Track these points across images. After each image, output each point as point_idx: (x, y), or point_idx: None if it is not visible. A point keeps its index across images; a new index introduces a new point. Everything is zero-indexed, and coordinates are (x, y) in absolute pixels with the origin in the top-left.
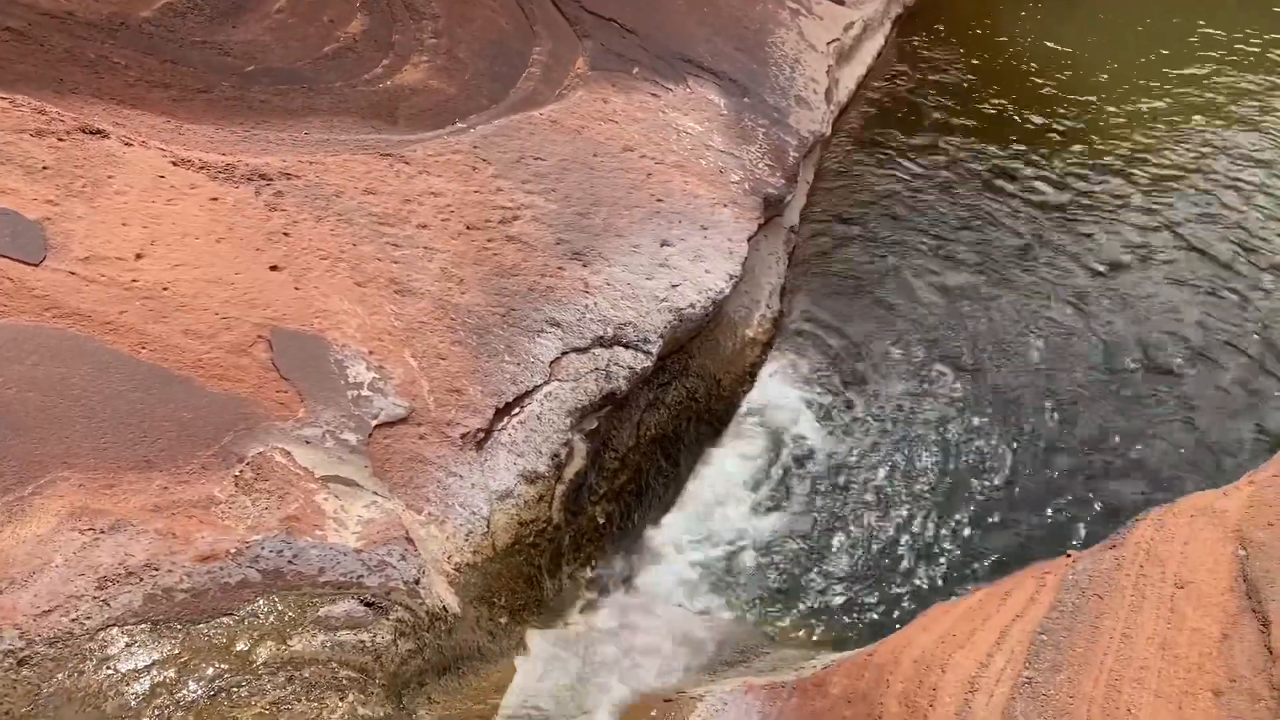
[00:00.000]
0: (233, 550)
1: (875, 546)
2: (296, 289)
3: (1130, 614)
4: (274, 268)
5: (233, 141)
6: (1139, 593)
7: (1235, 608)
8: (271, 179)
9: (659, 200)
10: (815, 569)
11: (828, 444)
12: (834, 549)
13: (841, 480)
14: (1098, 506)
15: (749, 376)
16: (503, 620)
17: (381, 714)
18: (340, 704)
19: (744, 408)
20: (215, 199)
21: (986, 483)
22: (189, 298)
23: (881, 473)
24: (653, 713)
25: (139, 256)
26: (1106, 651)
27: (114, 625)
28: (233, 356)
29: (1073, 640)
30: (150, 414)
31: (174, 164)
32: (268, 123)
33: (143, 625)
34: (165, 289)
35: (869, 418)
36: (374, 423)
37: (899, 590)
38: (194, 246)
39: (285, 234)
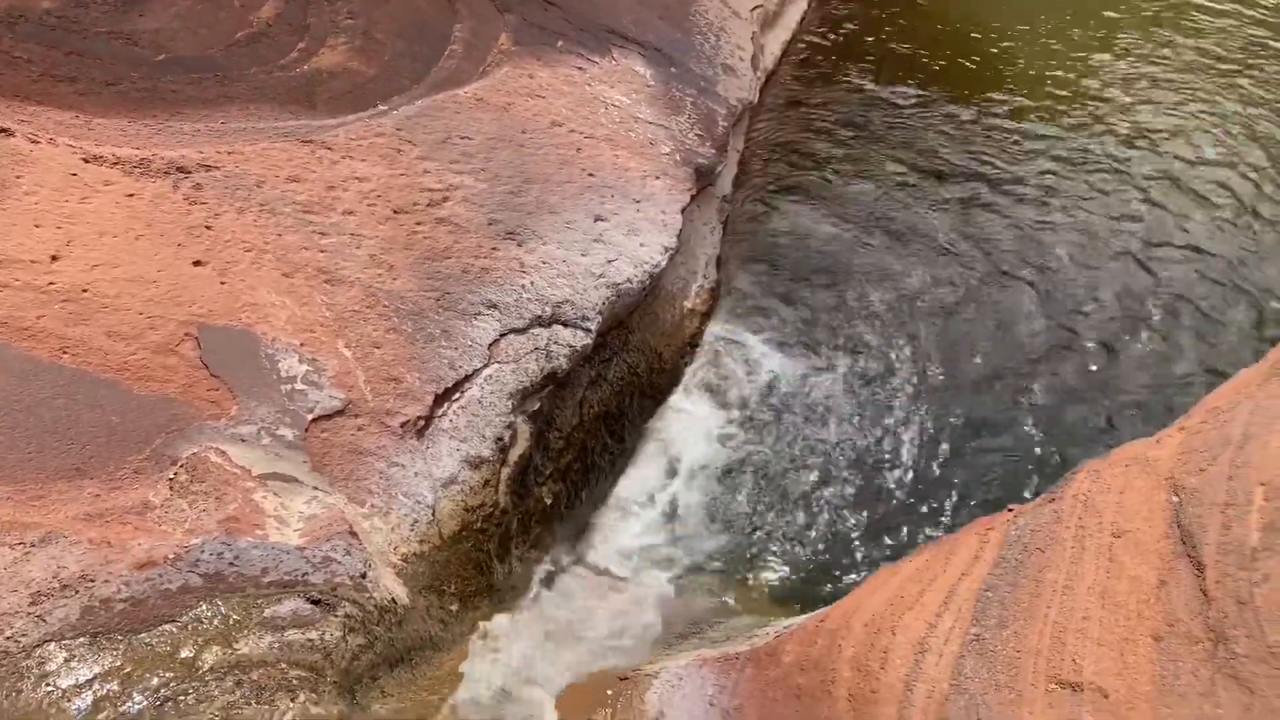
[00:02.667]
0: (171, 556)
1: (818, 510)
2: (222, 283)
3: (1071, 566)
4: (197, 263)
5: (146, 135)
6: (1079, 544)
7: (1171, 553)
8: (189, 171)
9: (590, 175)
10: (763, 533)
11: (771, 408)
12: (780, 511)
13: (785, 442)
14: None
15: (690, 348)
16: (454, 608)
17: (334, 712)
18: (291, 705)
19: (686, 378)
20: (131, 195)
21: (922, 440)
22: (110, 298)
23: (825, 432)
24: (609, 691)
25: (55, 258)
26: (1050, 604)
27: (51, 640)
28: (160, 356)
29: (1017, 595)
30: (76, 420)
31: (86, 160)
32: (182, 114)
33: (81, 639)
34: (85, 290)
35: (813, 382)
36: (310, 416)
37: (843, 555)
38: (112, 245)
39: (207, 227)
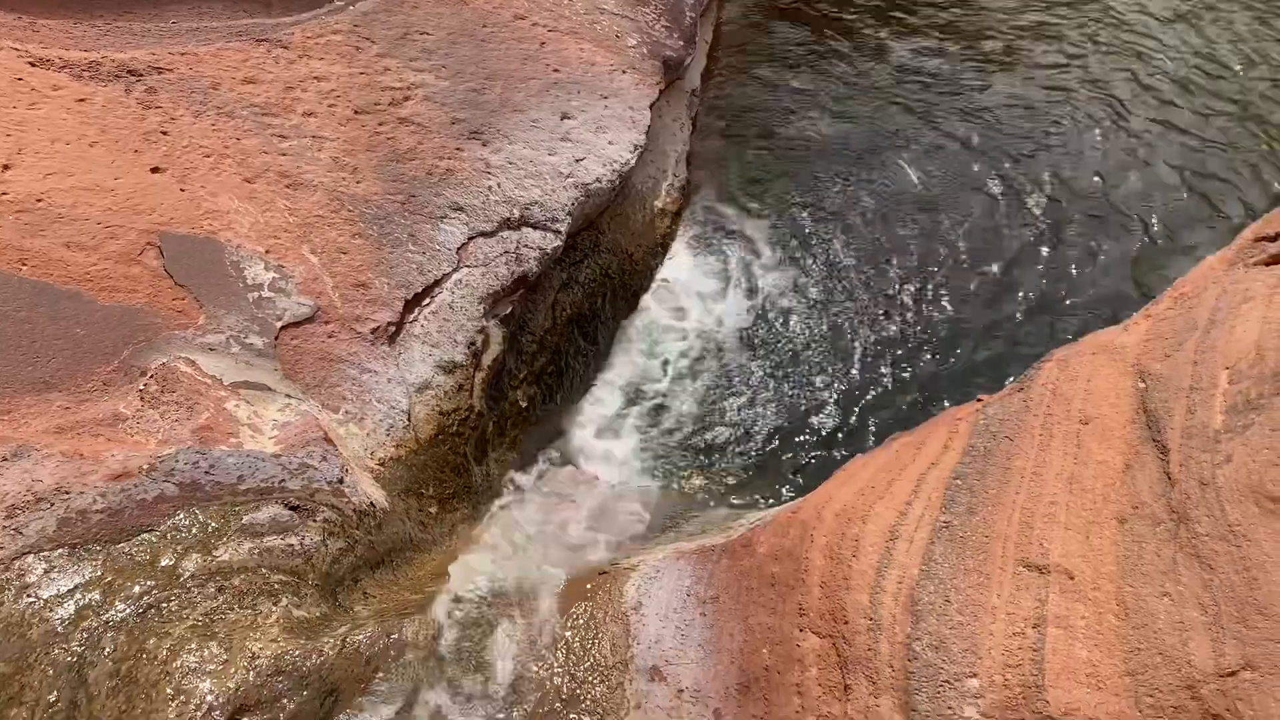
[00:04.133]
0: (145, 466)
1: (790, 403)
2: (182, 190)
3: (1039, 453)
4: (155, 169)
5: (94, 36)
6: (1047, 431)
7: (1136, 438)
8: (141, 74)
9: (555, 70)
10: (735, 427)
11: (744, 306)
12: (753, 405)
13: (757, 338)
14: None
15: (661, 248)
16: (433, 510)
17: (317, 614)
18: (274, 609)
19: (658, 278)
20: (82, 100)
21: (897, 331)
22: (67, 208)
23: (796, 330)
24: (588, 586)
25: (6, 167)
26: (1018, 491)
27: (29, 553)
28: (122, 266)
29: (986, 483)
30: (40, 333)
31: (32, 64)
32: (131, 13)
33: (60, 550)
34: (40, 200)
35: (781, 278)
36: (279, 324)
37: (811, 450)
38: (65, 153)
39: (163, 132)
